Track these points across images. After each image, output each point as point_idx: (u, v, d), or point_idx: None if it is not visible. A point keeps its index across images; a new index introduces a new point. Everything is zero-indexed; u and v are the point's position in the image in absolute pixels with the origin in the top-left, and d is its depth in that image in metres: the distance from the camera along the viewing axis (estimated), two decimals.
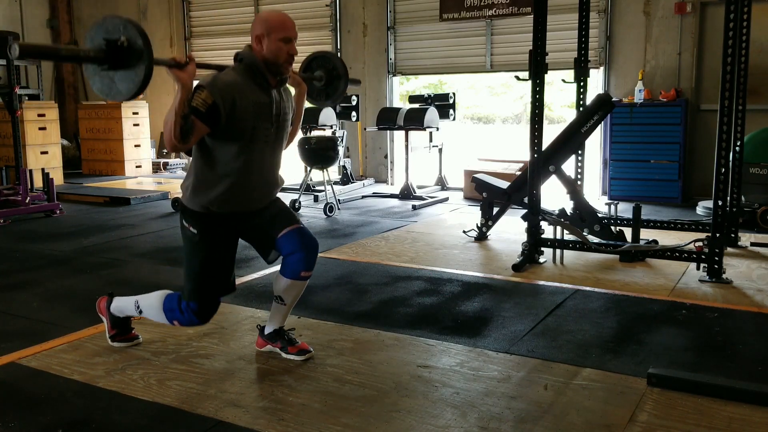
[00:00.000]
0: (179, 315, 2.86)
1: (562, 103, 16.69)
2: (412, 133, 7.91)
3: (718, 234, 4.20)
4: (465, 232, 5.72)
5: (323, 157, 7.07)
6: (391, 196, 8.03)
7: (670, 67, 7.43)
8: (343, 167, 8.93)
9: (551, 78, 6.22)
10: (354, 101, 8.59)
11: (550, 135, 5.03)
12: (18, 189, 6.89)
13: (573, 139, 5.11)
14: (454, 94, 8.65)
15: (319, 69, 3.46)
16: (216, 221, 2.80)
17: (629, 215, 5.03)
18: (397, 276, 4.47)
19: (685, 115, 7.11)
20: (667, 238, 5.29)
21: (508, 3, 8.13)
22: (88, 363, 3.01)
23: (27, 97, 9.68)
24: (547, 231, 4.90)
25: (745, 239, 5.27)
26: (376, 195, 8.18)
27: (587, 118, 5.07)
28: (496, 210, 5.55)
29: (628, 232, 5.06)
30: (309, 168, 7.33)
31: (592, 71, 6.20)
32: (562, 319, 3.57)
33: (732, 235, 5.09)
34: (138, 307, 3.01)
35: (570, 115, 10.94)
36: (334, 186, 7.41)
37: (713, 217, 4.23)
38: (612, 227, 5.17)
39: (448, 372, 2.90)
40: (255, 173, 2.80)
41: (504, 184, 5.59)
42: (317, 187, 8.02)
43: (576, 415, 2.49)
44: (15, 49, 2.29)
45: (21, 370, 2.97)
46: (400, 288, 4.20)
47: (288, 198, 7.06)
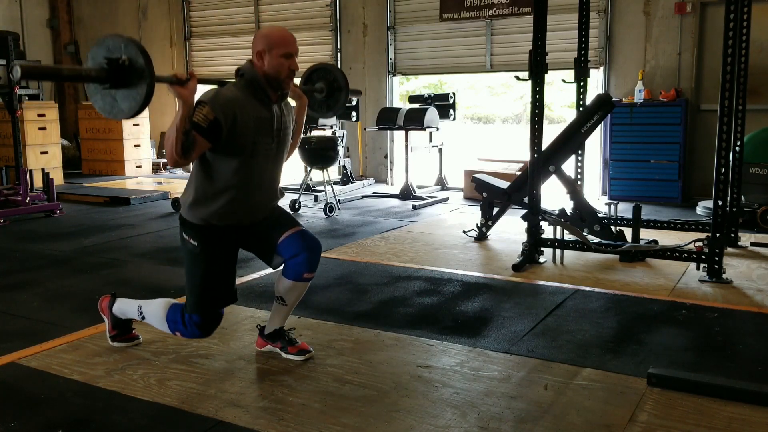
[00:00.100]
0: (182, 328, 2.88)
1: (562, 103, 16.68)
2: (412, 133, 7.91)
3: (718, 234, 4.20)
4: (465, 232, 5.72)
5: (323, 157, 7.07)
6: (391, 196, 8.03)
7: (670, 67, 7.43)
8: (343, 167, 8.93)
9: (551, 78, 6.22)
10: (354, 101, 8.59)
11: (550, 135, 5.03)
12: (18, 189, 6.89)
13: (573, 139, 5.11)
14: (454, 94, 8.66)
15: (320, 81, 3.46)
16: (216, 233, 2.81)
17: (629, 215, 5.03)
18: (397, 276, 4.47)
19: (685, 115, 7.11)
20: (667, 238, 5.29)
21: (508, 3, 8.13)
22: (88, 363, 3.01)
23: (27, 97, 9.66)
24: (547, 231, 4.90)
25: (745, 239, 5.27)
26: (376, 195, 8.18)
27: (587, 118, 5.07)
28: (496, 210, 5.55)
29: (628, 232, 5.06)
30: (309, 168, 7.34)
31: (592, 71, 6.20)
32: (562, 319, 3.58)
33: (732, 235, 5.09)
34: (141, 313, 3.03)
35: (570, 115, 10.93)
36: (334, 186, 7.41)
37: (713, 217, 4.24)
38: (612, 227, 5.17)
39: (448, 372, 2.90)
40: (255, 187, 2.82)
41: (504, 184, 5.59)
42: (317, 187, 8.01)
43: (576, 415, 2.49)
44: (17, 71, 2.28)
45: (21, 370, 2.97)
46: (400, 288, 4.20)
47: (288, 198, 7.06)
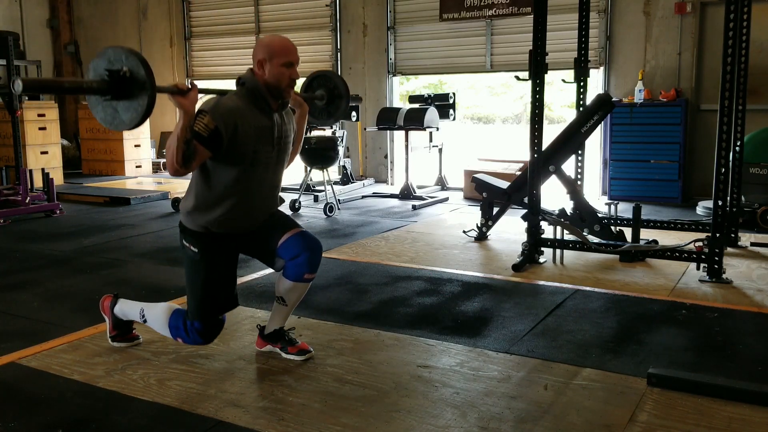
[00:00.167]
0: (184, 334, 2.89)
1: (562, 103, 16.69)
2: (412, 133, 7.91)
3: (718, 234, 4.20)
4: (465, 232, 5.72)
5: (323, 157, 7.07)
6: (391, 196, 8.03)
7: (670, 67, 7.43)
8: (343, 167, 8.93)
9: (551, 78, 6.22)
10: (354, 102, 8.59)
11: (550, 135, 5.03)
12: (18, 189, 6.89)
13: (573, 139, 5.11)
14: (454, 94, 8.65)
15: (321, 88, 3.47)
16: (216, 240, 2.82)
17: (629, 215, 5.03)
18: (397, 276, 4.47)
19: (685, 115, 7.11)
20: (667, 238, 5.29)
21: (508, 3, 8.13)
22: (88, 363, 3.01)
23: (27, 97, 9.66)
24: (547, 231, 4.90)
25: (745, 239, 5.27)
26: (376, 195, 8.18)
27: (587, 118, 5.07)
28: (496, 210, 5.54)
29: (628, 232, 5.06)
30: (309, 168, 7.34)
31: (592, 71, 6.20)
32: (562, 319, 3.57)
33: (732, 235, 5.09)
34: (143, 316, 3.04)
35: (570, 115, 10.94)
36: (334, 186, 7.41)
37: (713, 217, 4.23)
38: (612, 227, 5.17)
39: (448, 372, 2.90)
40: (255, 195, 2.83)
41: (504, 184, 5.59)
42: (317, 187, 8.02)
43: (576, 415, 2.49)
44: (18, 84, 2.26)
45: (21, 370, 2.97)
46: (400, 288, 4.20)
47: (288, 198, 7.06)
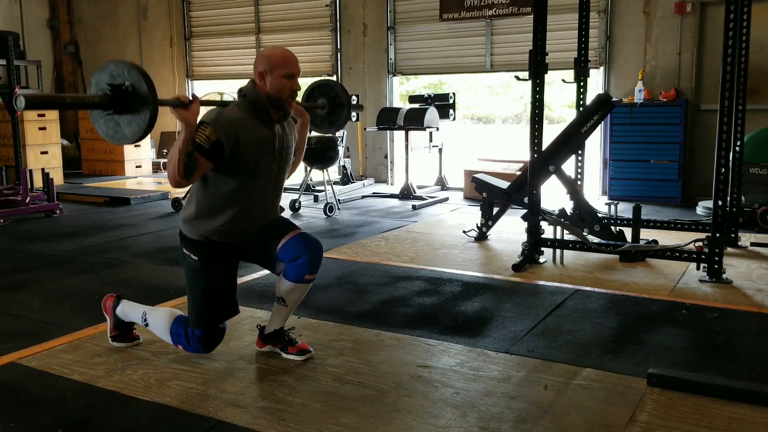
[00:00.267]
0: (185, 342, 2.90)
1: (562, 103, 16.68)
2: (412, 133, 7.91)
3: (718, 234, 4.20)
4: (465, 232, 5.72)
5: (323, 157, 7.07)
6: (391, 196, 8.03)
7: (670, 67, 7.43)
8: (343, 167, 8.93)
9: (551, 78, 6.22)
10: (354, 101, 8.58)
11: (550, 135, 5.03)
12: (18, 189, 6.89)
13: (573, 139, 5.11)
14: (454, 94, 8.65)
15: (322, 97, 3.47)
16: (216, 248, 2.83)
17: (629, 215, 5.03)
18: (397, 276, 4.47)
19: (685, 115, 7.11)
20: (667, 238, 5.29)
21: (508, 3, 8.13)
22: (88, 363, 3.01)
23: None
24: (547, 231, 4.90)
25: (745, 239, 5.27)
26: (376, 195, 8.18)
27: (587, 118, 5.07)
28: (496, 210, 5.54)
29: (628, 232, 5.06)
30: (309, 168, 7.34)
31: (592, 71, 6.20)
32: (562, 319, 3.57)
33: (732, 235, 5.09)
34: (145, 320, 3.05)
35: (570, 115, 10.94)
36: (334, 186, 7.40)
37: (713, 217, 4.23)
38: (612, 227, 5.17)
39: (448, 372, 2.90)
40: (256, 206, 2.84)
41: (504, 184, 5.59)
42: (317, 187, 8.02)
43: (576, 415, 2.49)
44: (21, 101, 2.25)
45: (21, 370, 2.97)
46: (400, 288, 4.20)
47: (288, 198, 7.06)
